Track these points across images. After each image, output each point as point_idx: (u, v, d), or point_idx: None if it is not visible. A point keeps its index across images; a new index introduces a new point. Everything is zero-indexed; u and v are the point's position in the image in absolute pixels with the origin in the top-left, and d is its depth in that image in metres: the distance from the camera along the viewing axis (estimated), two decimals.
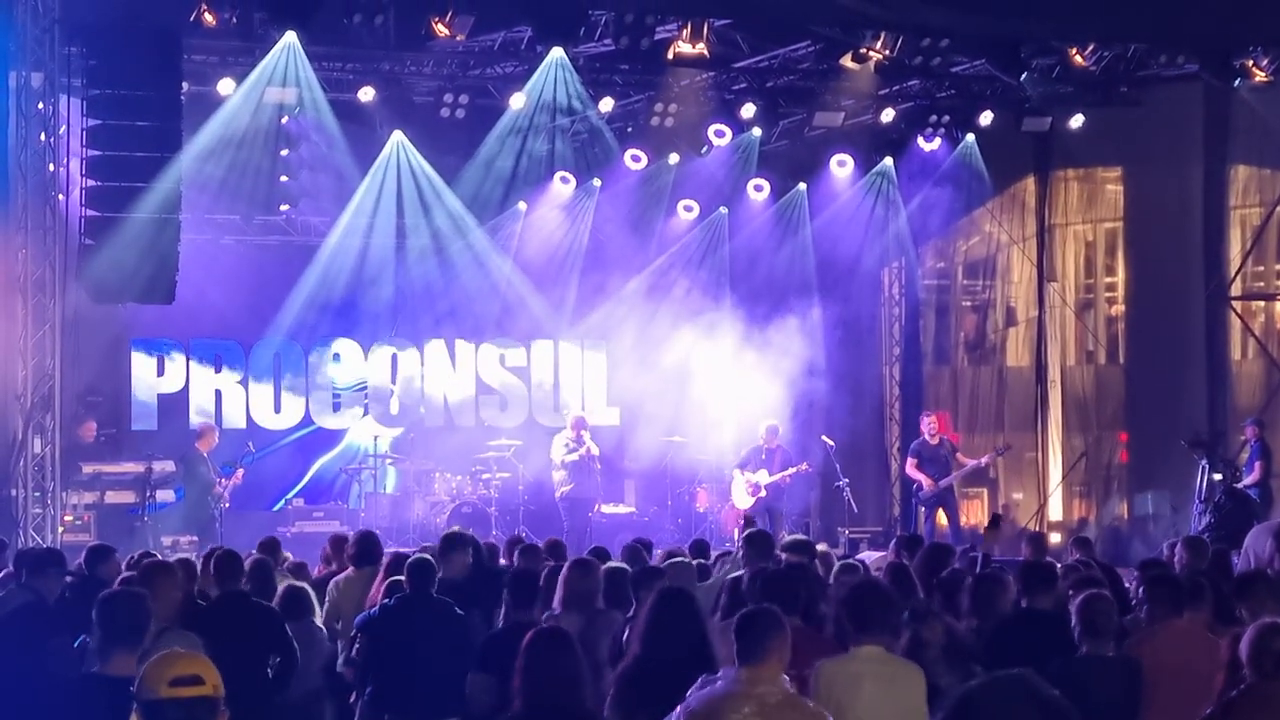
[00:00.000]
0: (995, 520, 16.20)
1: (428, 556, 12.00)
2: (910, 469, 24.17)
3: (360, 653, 11.50)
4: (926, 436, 24.10)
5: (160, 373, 24.88)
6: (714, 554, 15.88)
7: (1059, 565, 13.10)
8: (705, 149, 25.17)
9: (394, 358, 25.99)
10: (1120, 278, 26.53)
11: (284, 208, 24.37)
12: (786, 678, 7.71)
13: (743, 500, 23.89)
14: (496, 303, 26.01)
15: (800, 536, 15.68)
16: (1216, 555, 14.12)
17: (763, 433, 24.18)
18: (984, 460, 24.55)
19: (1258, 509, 20.91)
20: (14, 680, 10.55)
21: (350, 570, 13.39)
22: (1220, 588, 11.74)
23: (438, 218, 24.91)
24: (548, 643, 7.83)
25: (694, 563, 13.44)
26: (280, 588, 12.26)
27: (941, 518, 23.96)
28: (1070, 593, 10.66)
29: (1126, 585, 13.53)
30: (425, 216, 24.88)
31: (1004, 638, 10.23)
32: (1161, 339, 25.03)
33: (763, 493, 23.79)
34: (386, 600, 11.58)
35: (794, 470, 23.93)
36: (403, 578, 11.81)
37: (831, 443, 24.44)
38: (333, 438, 25.79)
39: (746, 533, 14.05)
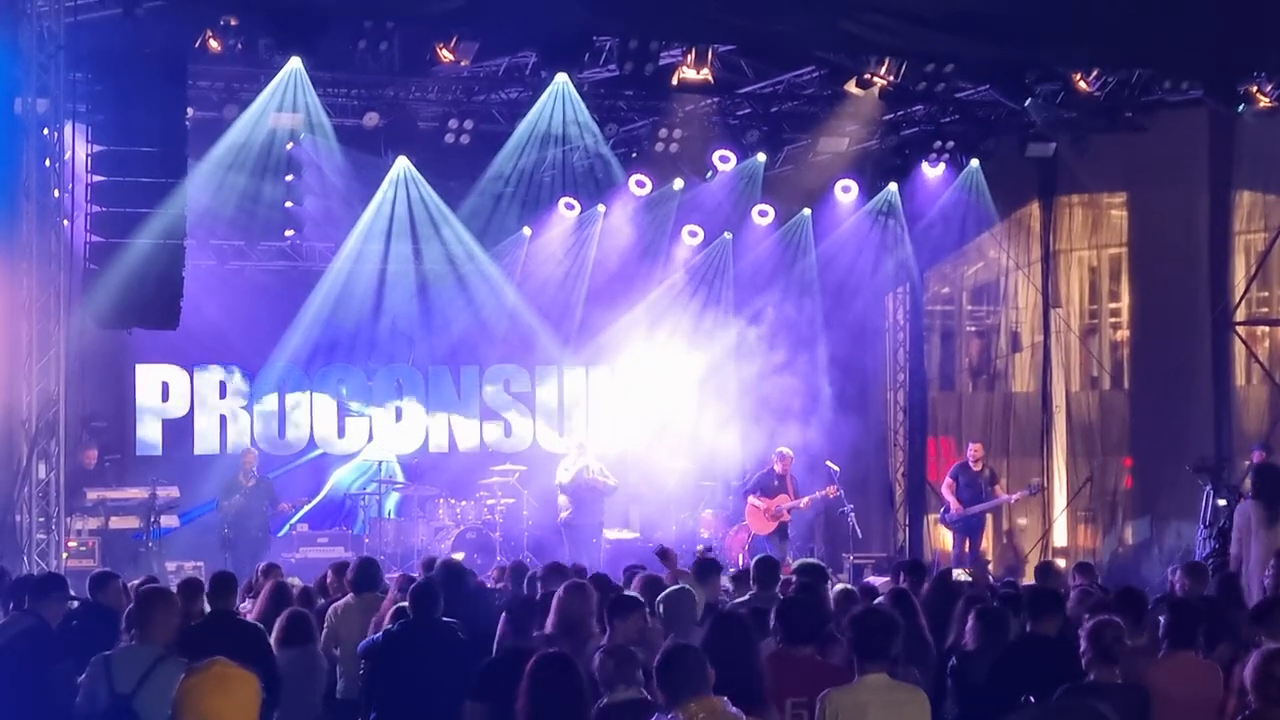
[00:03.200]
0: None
1: (431, 581, 12.00)
2: (945, 489, 24.16)
3: (364, 678, 11.48)
4: (970, 461, 24.11)
5: (165, 398, 24.91)
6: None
7: (1071, 590, 13.12)
8: (710, 174, 25.18)
9: (399, 383, 26.02)
10: (1125, 303, 26.50)
11: (289, 233, 24.41)
12: (725, 699, 7.73)
13: (763, 526, 23.82)
14: (501, 328, 26.03)
15: (812, 560, 15.70)
16: (1226, 579, 14.11)
17: (775, 458, 24.12)
18: (1014, 496, 24.55)
19: None
20: (16, 705, 10.55)
21: (350, 596, 13.36)
22: (1228, 613, 11.74)
23: (442, 243, 24.92)
24: (551, 667, 7.80)
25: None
26: (283, 613, 12.24)
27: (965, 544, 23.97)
28: (1086, 617, 10.66)
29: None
30: (430, 242, 24.89)
31: (1008, 663, 10.22)
32: (1166, 364, 24.99)
33: (786, 517, 23.75)
34: (390, 626, 11.56)
35: (821, 494, 23.90)
36: (404, 603, 11.83)
37: (836, 468, 24.41)
38: (337, 463, 25.79)
39: (755, 559, 14.08)
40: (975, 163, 25.32)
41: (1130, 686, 9.52)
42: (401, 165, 23.85)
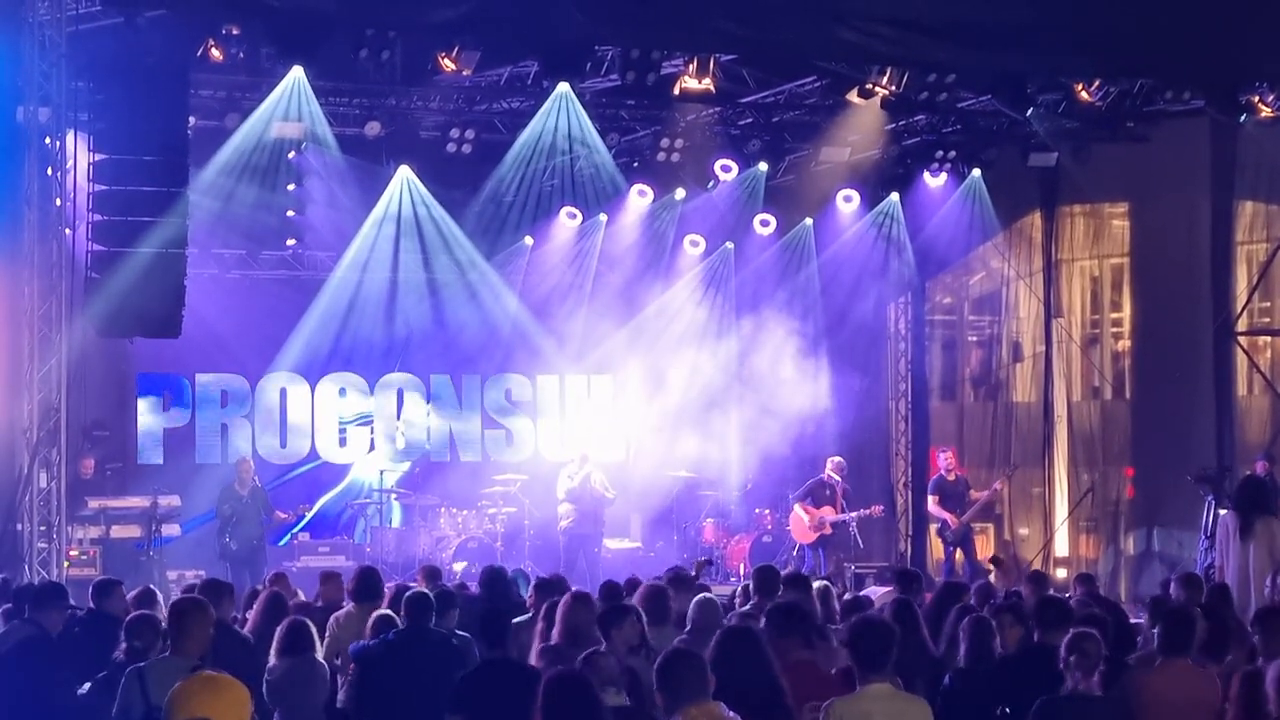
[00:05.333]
0: (996, 561, 16.26)
1: (425, 591, 12.02)
2: (933, 506, 24.02)
3: (352, 682, 11.45)
4: (944, 473, 24.01)
5: (166, 407, 24.92)
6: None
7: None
8: (711, 184, 25.19)
9: (400, 392, 26.03)
10: (1126, 313, 26.47)
11: (290, 242, 24.45)
12: (722, 705, 7.73)
13: (804, 535, 23.79)
14: (503, 337, 26.04)
15: (797, 570, 15.74)
16: (1219, 589, 14.13)
17: (829, 467, 24.06)
18: (997, 486, 24.57)
19: None
20: (16, 715, 10.54)
21: (350, 606, 13.34)
22: (1224, 621, 11.76)
23: (443, 252, 24.94)
24: (567, 687, 7.75)
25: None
26: (283, 623, 12.21)
27: (958, 554, 23.91)
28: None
29: (1135, 621, 13.58)
30: (431, 251, 24.91)
31: (1014, 672, 10.22)
32: (1168, 374, 24.95)
33: (827, 530, 23.68)
34: (388, 634, 11.56)
35: (865, 513, 23.87)
36: (391, 611, 11.88)
37: (838, 478, 24.37)
38: (338, 472, 25.80)
39: (755, 568, 14.08)
40: (977, 172, 25.31)
41: (1109, 698, 9.49)
42: (403, 174, 23.87)
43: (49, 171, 18.32)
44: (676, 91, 21.45)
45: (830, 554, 23.71)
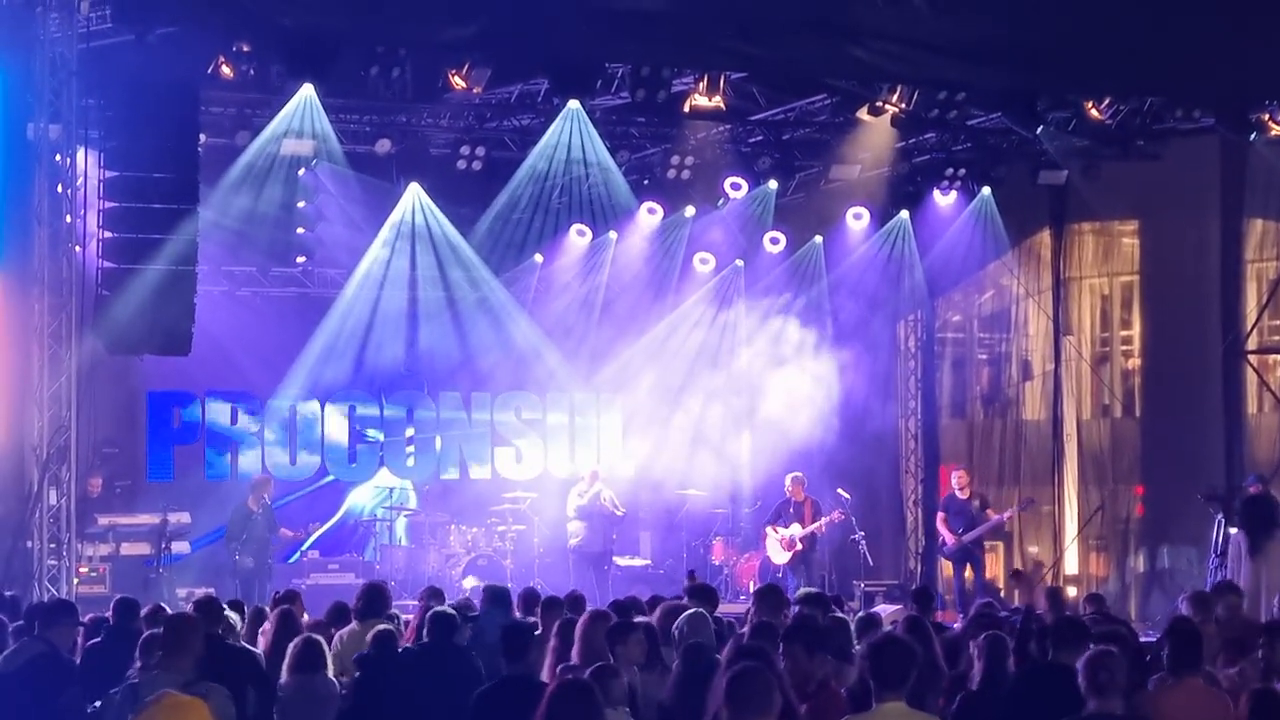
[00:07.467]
0: (1017, 575, 16.24)
1: (450, 610, 12.01)
2: (939, 523, 24.04)
3: (349, 689, 11.42)
4: (956, 490, 23.98)
5: (176, 424, 24.92)
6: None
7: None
8: (721, 201, 25.21)
9: (410, 410, 26.00)
10: (1136, 331, 26.45)
11: (300, 259, 24.45)
12: None
13: (779, 556, 23.74)
14: (512, 355, 26.03)
15: (813, 590, 15.69)
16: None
17: (789, 485, 24.00)
18: (1006, 515, 24.44)
19: None
20: None
21: (354, 624, 13.29)
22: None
23: (454, 270, 24.94)
24: (574, 694, 7.75)
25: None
26: (295, 640, 12.19)
27: (968, 571, 23.84)
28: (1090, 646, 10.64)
29: (1143, 640, 13.57)
30: (441, 268, 24.90)
31: (1029, 691, 10.19)
32: (1178, 392, 24.93)
33: (799, 546, 23.63)
34: (409, 645, 11.58)
35: (826, 520, 23.77)
36: (388, 626, 11.87)
37: (848, 496, 24.34)
38: (348, 490, 25.76)
39: (758, 588, 14.02)
40: (987, 190, 25.31)
41: (1131, 717, 9.43)
42: (414, 191, 23.89)
43: (59, 188, 18.32)
44: (687, 109, 21.49)
45: (811, 569, 23.59)
